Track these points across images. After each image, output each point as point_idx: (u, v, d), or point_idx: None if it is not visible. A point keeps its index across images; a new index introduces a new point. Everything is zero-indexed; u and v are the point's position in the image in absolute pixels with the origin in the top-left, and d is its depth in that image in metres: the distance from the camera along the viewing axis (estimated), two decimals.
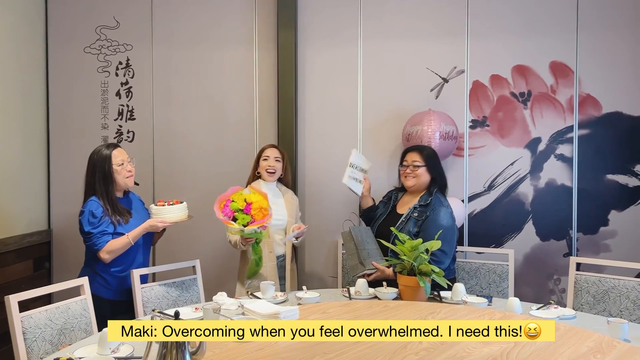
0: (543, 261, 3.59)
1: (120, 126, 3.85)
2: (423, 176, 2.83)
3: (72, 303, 2.17)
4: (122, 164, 2.60)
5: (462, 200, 3.59)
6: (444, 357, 1.65)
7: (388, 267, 2.64)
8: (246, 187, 2.90)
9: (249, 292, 2.51)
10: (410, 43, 3.66)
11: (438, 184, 2.87)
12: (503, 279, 3.18)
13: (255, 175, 3.08)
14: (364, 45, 3.69)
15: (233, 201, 2.65)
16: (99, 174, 2.55)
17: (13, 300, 1.90)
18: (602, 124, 3.55)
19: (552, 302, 2.43)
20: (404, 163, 2.90)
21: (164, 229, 2.73)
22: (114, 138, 3.84)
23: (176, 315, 1.47)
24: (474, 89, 3.62)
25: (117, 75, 3.84)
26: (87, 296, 2.26)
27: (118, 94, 3.84)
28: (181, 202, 2.69)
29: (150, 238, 2.74)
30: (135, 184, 2.75)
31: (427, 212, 2.75)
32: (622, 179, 3.57)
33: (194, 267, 2.80)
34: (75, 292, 2.28)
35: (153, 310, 1.92)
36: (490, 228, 3.64)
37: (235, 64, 3.76)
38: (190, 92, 3.81)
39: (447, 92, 3.64)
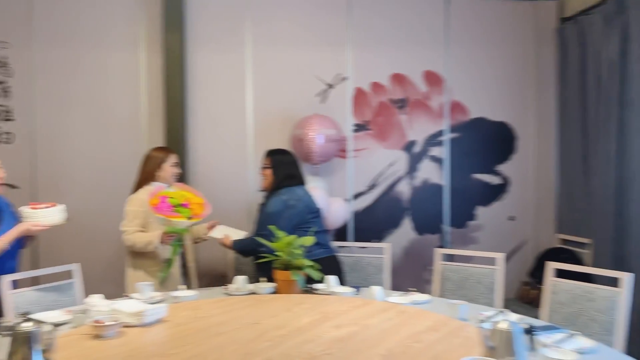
0: (419, 253, 3.92)
1: None
2: (269, 177, 3.01)
3: None
4: None
5: (346, 200, 3.82)
6: (296, 341, 1.81)
7: (266, 263, 2.75)
8: (134, 191, 2.94)
9: (125, 294, 2.54)
10: (297, 50, 3.84)
11: (281, 182, 3.00)
12: (380, 271, 3.43)
13: (148, 180, 3.00)
14: (253, 50, 3.81)
15: (171, 197, 2.70)
16: None
17: None
18: (469, 128, 3.95)
19: (413, 289, 2.69)
20: (261, 165, 3.10)
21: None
22: None
23: (25, 316, 1.50)
24: (357, 95, 3.88)
25: None
26: None
27: None
28: (56, 205, 2.63)
29: (20, 242, 2.66)
30: (12, 186, 2.67)
31: (263, 204, 3.00)
32: (486, 177, 3.99)
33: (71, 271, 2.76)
34: None
35: (20, 315, 1.91)
36: (372, 224, 3.91)
37: (120, 65, 3.73)
38: (75, 93, 3.72)
39: (332, 97, 3.86)
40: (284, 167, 3.05)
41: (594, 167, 3.50)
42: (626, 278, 2.42)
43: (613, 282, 2.46)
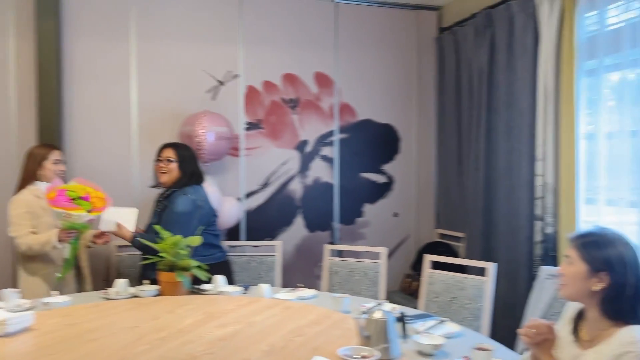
0: (311, 250, 4.00)
1: None
2: (174, 172, 2.91)
3: None
4: None
5: (238, 199, 3.80)
6: (177, 343, 1.76)
7: (149, 265, 2.65)
8: (16, 192, 2.78)
9: None
10: (187, 45, 3.73)
11: (188, 178, 2.93)
12: (271, 269, 3.46)
13: (30, 179, 2.80)
14: (138, 42, 3.63)
15: (70, 190, 2.54)
16: None
17: None
18: (357, 129, 4.11)
19: (300, 285, 2.75)
20: (159, 158, 2.94)
21: None
22: None
23: None
24: (249, 93, 3.86)
25: None
26: None
27: None
28: None
29: None
30: None
31: (166, 202, 2.86)
32: (373, 176, 4.17)
33: None
34: None
35: None
36: (265, 222, 3.92)
37: None
38: None
39: (223, 94, 3.80)
40: (190, 163, 2.96)
41: (467, 167, 3.81)
42: (491, 267, 2.67)
43: (482, 272, 2.70)
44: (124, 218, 2.80)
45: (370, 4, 4.08)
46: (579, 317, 1.62)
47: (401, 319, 1.77)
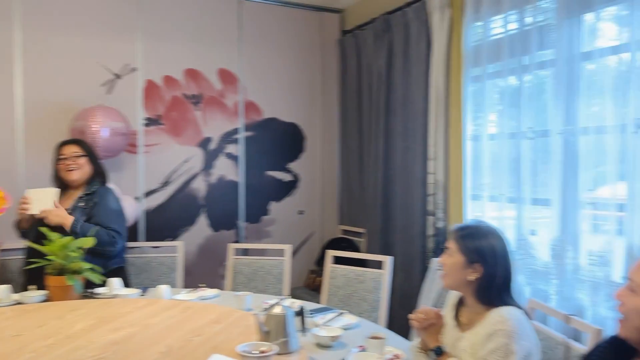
0: (215, 250, 3.94)
1: None
2: (86, 166, 2.76)
3: None
4: None
5: (136, 198, 3.64)
6: (65, 350, 1.67)
7: (32, 270, 2.45)
8: None
9: None
10: (80, 35, 3.50)
11: (100, 174, 2.83)
12: (173, 270, 3.36)
13: None
14: (23, 31, 3.35)
15: None
16: None
17: None
18: (263, 127, 4.11)
19: (202, 285, 2.70)
20: (62, 156, 2.76)
21: None
22: None
23: None
24: (148, 88, 3.72)
25: None
26: None
27: None
28: None
29: None
30: None
31: (95, 199, 2.72)
32: (278, 174, 4.20)
33: None
34: None
35: None
36: (166, 222, 3.80)
37: None
38: None
39: (120, 88, 3.62)
40: (98, 158, 2.81)
41: (367, 165, 3.97)
42: (388, 261, 2.82)
43: (381, 265, 2.83)
44: (48, 198, 2.64)
45: (274, 3, 4.10)
46: (460, 303, 1.77)
47: (300, 313, 1.81)
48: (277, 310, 1.73)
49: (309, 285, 4.15)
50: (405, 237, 3.50)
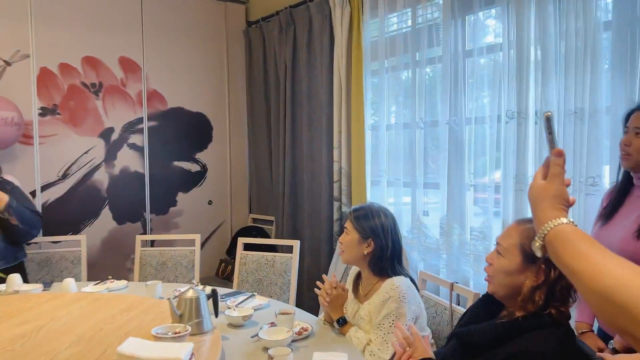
0: (120, 243, 3.85)
1: None
2: None
3: None
4: None
5: (32, 192, 3.46)
6: None
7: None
8: None
9: None
10: None
11: None
12: (76, 264, 3.25)
13: None
14: None
15: None
16: None
17: None
18: (168, 117, 4.06)
19: (110, 277, 2.67)
20: None
21: None
22: None
23: None
24: (42, 76, 3.53)
25: None
26: None
27: None
28: None
29: None
30: None
31: (7, 187, 2.66)
32: (186, 165, 4.18)
33: None
34: None
35: None
36: (66, 216, 3.65)
37: None
38: None
39: (10, 76, 3.40)
40: None
41: (275, 154, 4.09)
42: (296, 245, 2.96)
43: (291, 250, 2.97)
44: None
45: None
46: (357, 277, 1.98)
47: (212, 295, 1.88)
48: (188, 293, 1.80)
49: (220, 274, 4.19)
50: (313, 222, 3.68)
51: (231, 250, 4.23)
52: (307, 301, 3.52)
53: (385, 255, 1.85)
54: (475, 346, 1.36)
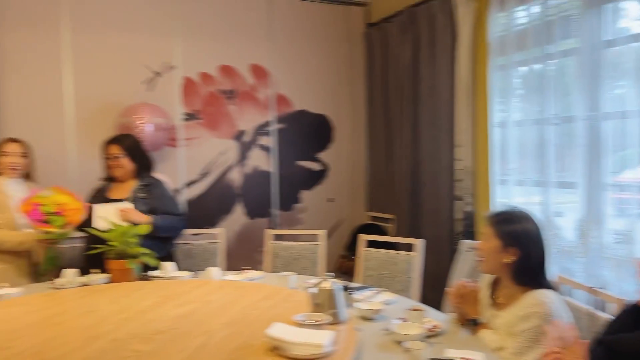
0: (252, 236, 4.15)
1: None
2: (127, 165, 2.97)
3: None
4: None
5: (178, 189, 3.87)
6: (140, 322, 1.88)
7: (92, 255, 2.68)
8: None
9: None
10: (124, 36, 3.72)
11: (145, 166, 3.04)
12: (215, 255, 3.57)
13: None
14: (72, 34, 3.58)
15: (43, 205, 2.52)
16: None
17: None
18: (293, 119, 4.30)
19: (246, 267, 2.91)
20: (107, 156, 2.98)
21: None
22: None
23: None
24: (186, 85, 3.92)
25: None
26: None
27: None
28: None
29: None
30: None
31: (152, 190, 2.96)
32: (309, 164, 4.39)
33: None
34: None
35: None
36: (206, 211, 4.02)
37: None
38: None
39: (160, 85, 3.84)
40: (138, 151, 3.01)
41: (395, 153, 4.12)
42: (419, 243, 2.98)
43: (410, 248, 3.00)
44: (111, 214, 2.77)
45: None
46: (495, 283, 1.91)
47: (346, 288, 1.99)
48: (326, 285, 1.92)
49: (340, 269, 4.33)
50: (434, 222, 3.66)
51: (350, 247, 4.35)
52: (429, 302, 3.49)
53: (530, 265, 1.73)
54: (626, 355, 1.30)
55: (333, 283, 1.95)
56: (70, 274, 2.57)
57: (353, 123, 4.53)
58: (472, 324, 1.88)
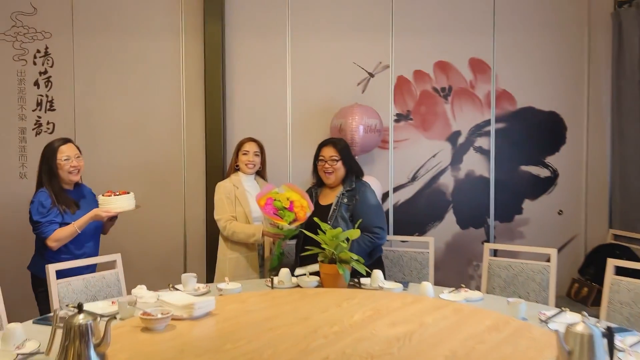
0: (463, 248, 3.78)
1: (40, 117, 3.68)
2: (340, 170, 2.90)
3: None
4: (68, 159, 2.65)
5: (386, 192, 3.72)
6: (352, 339, 1.72)
7: (311, 256, 2.67)
8: (224, 177, 3.11)
9: (170, 285, 2.49)
10: (337, 38, 3.73)
11: (354, 172, 2.94)
12: (424, 266, 3.31)
13: (234, 168, 3.12)
14: (292, 38, 3.72)
15: (276, 200, 2.75)
16: (45, 166, 2.65)
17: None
18: (517, 118, 3.78)
19: (463, 286, 2.57)
20: (321, 158, 2.94)
21: (114, 219, 2.80)
22: (33, 129, 3.68)
23: (79, 308, 1.45)
24: (399, 84, 3.75)
25: (34, 64, 3.67)
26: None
27: (36, 83, 3.67)
28: (128, 193, 2.73)
29: (100, 227, 2.79)
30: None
31: (356, 196, 2.86)
32: (534, 169, 3.81)
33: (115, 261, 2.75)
34: None
35: (67, 305, 1.88)
36: (414, 217, 3.79)
37: (160, 54, 3.70)
38: (114, 83, 3.70)
39: (373, 86, 3.74)
40: (350, 157, 2.97)
41: None
42: None
43: None
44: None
45: None
46: None
47: (608, 334, 1.52)
48: (580, 327, 1.49)
49: (572, 296, 3.66)
50: None
51: (586, 270, 3.64)
52: None
53: None
54: None
55: (590, 324, 1.51)
56: (284, 274, 2.59)
57: (592, 122, 3.79)
58: None
